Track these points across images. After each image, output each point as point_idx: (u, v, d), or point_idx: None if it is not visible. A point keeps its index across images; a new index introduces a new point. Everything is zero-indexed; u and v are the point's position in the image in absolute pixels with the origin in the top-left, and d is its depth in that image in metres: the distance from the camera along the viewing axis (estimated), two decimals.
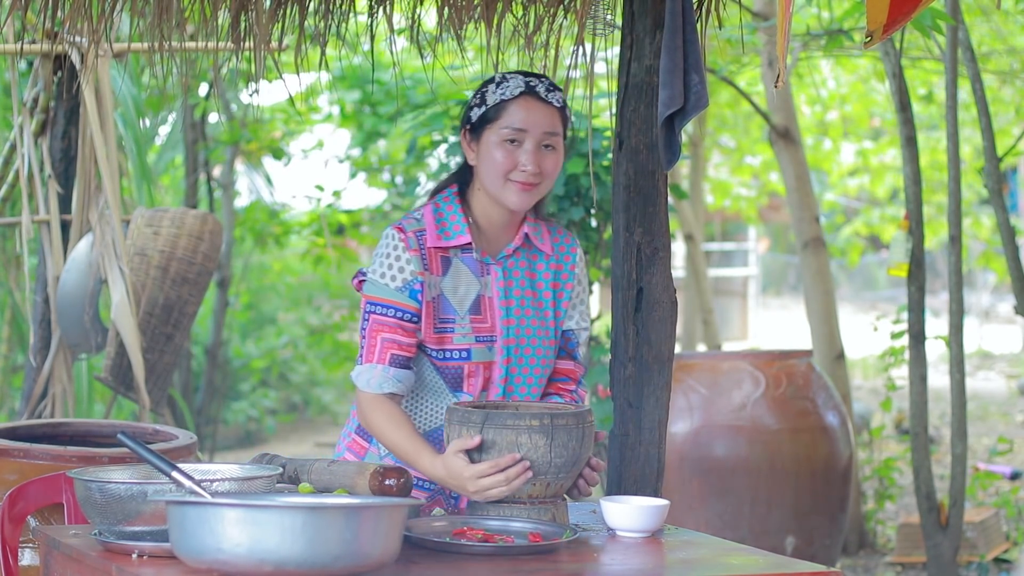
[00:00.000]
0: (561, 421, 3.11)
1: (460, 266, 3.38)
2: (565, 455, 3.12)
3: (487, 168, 3.37)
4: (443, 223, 3.39)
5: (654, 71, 3.86)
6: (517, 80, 3.37)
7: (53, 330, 5.84)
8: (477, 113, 3.38)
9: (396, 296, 3.32)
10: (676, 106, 3.65)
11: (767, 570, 2.86)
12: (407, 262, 3.33)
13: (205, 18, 3.96)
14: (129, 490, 2.88)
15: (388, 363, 3.30)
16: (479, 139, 3.38)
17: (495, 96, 3.36)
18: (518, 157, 3.35)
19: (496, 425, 3.10)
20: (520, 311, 3.42)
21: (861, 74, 12.05)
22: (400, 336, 3.31)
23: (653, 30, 3.86)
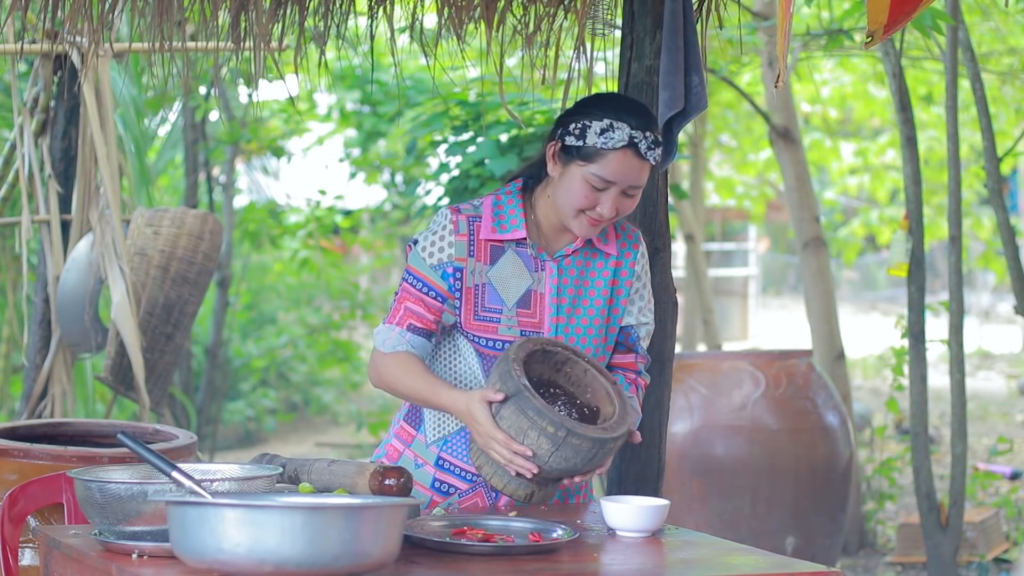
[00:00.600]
0: (575, 440, 3.11)
1: (514, 258, 3.39)
2: (565, 465, 3.14)
3: (564, 196, 3.34)
4: (500, 216, 3.40)
5: (654, 71, 3.86)
6: (623, 132, 3.28)
7: (53, 330, 5.84)
8: (572, 142, 3.31)
9: (428, 272, 3.37)
10: (677, 107, 3.65)
11: (767, 570, 2.85)
12: (449, 244, 3.36)
13: (205, 18, 3.96)
14: (129, 490, 2.87)
15: (406, 328, 3.36)
16: (565, 164, 3.33)
17: (596, 141, 3.28)
18: (598, 200, 3.31)
19: (519, 407, 3.12)
20: (571, 309, 3.41)
21: (861, 74, 12.05)
22: (422, 310, 3.36)
23: (653, 30, 3.87)
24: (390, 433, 3.52)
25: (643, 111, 3.36)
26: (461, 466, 3.40)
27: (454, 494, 3.41)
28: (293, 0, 4.07)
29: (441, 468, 3.42)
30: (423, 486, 3.41)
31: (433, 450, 3.42)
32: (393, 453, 3.47)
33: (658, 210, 3.91)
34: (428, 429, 3.44)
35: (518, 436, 3.13)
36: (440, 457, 3.42)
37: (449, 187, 6.81)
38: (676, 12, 3.69)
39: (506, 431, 3.14)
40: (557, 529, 3.02)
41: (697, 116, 3.79)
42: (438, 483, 3.42)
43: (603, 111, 3.31)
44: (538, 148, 6.84)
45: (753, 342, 20.43)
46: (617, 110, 3.31)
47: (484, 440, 3.18)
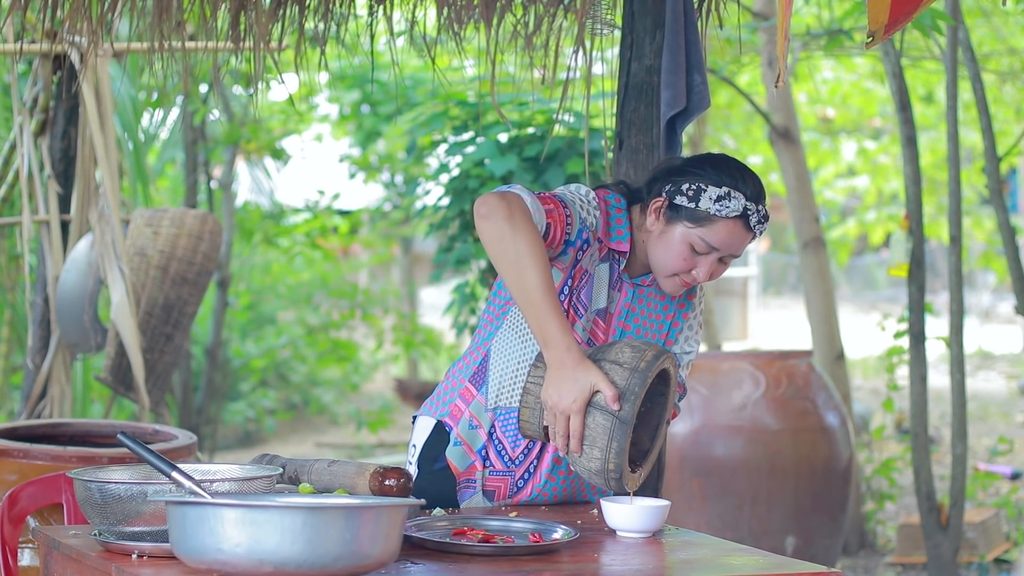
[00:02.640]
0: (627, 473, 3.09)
1: (605, 270, 3.33)
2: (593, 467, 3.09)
3: (663, 253, 3.28)
4: (611, 223, 3.33)
5: (654, 71, 3.86)
6: (739, 202, 3.22)
7: (52, 330, 5.83)
8: (684, 203, 3.25)
9: (577, 219, 3.23)
10: (679, 106, 3.65)
11: (767, 570, 2.85)
12: (592, 214, 3.27)
13: (204, 18, 3.96)
14: (129, 490, 2.87)
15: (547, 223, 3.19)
16: (670, 222, 3.27)
17: (710, 207, 3.23)
18: (696, 263, 3.27)
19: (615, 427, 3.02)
20: (633, 334, 3.37)
21: (861, 73, 12.05)
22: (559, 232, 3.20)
23: (653, 30, 3.87)
24: (452, 391, 3.41)
25: (758, 183, 3.30)
26: (506, 445, 3.35)
27: (488, 470, 3.37)
28: (293, 0, 4.07)
29: (492, 439, 3.37)
30: (471, 448, 3.36)
31: (490, 416, 3.37)
32: (456, 412, 3.39)
33: None
34: (490, 393, 3.37)
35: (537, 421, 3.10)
36: (494, 426, 3.37)
37: (449, 187, 6.81)
38: (677, 11, 3.69)
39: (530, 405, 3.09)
40: (557, 529, 3.01)
41: (699, 115, 3.78)
42: (484, 451, 3.37)
43: (720, 177, 3.25)
44: (538, 148, 6.85)
45: (753, 342, 20.43)
46: (734, 178, 3.26)
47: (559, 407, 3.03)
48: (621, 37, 3.97)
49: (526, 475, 3.39)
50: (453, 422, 3.39)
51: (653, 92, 3.86)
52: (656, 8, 3.85)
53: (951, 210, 6.58)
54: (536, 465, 3.38)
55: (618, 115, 3.92)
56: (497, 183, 6.52)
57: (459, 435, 3.38)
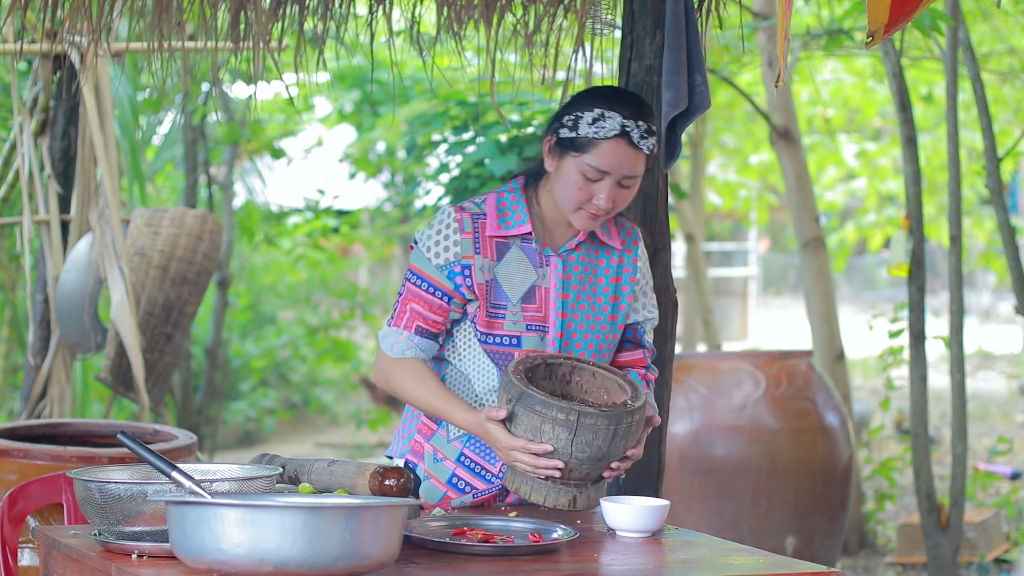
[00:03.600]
0: (588, 420, 3.13)
1: (519, 254, 3.40)
2: (589, 451, 3.15)
3: (561, 189, 3.37)
4: (504, 213, 3.41)
5: (654, 71, 3.86)
6: (615, 121, 3.30)
7: (52, 330, 5.83)
8: (566, 135, 3.34)
9: (434, 272, 3.37)
10: (681, 107, 3.65)
11: (767, 570, 2.85)
12: (455, 243, 3.37)
13: (204, 17, 3.96)
14: (129, 490, 2.87)
15: (413, 331, 3.37)
16: (560, 157, 3.36)
17: (588, 131, 3.31)
18: (594, 191, 3.33)
19: (526, 407, 3.15)
20: (576, 304, 3.43)
21: (861, 73, 12.05)
22: (427, 311, 3.36)
23: (653, 30, 3.86)
24: (409, 428, 3.50)
25: (636, 101, 3.38)
26: (483, 464, 3.40)
27: (470, 492, 3.42)
28: (293, 0, 4.06)
29: (463, 465, 3.42)
30: (439, 481, 3.42)
31: (456, 445, 3.42)
32: (417, 448, 3.46)
33: (658, 210, 3.91)
34: (451, 425, 3.42)
35: (535, 436, 3.14)
36: (463, 453, 3.42)
37: (449, 187, 6.81)
38: (678, 11, 3.69)
39: (523, 436, 3.16)
40: (557, 529, 3.01)
41: (701, 115, 3.78)
42: (456, 479, 3.42)
43: (595, 102, 3.34)
44: (537, 148, 6.84)
45: (753, 342, 20.43)
46: (609, 100, 3.34)
47: (505, 453, 3.20)
48: (621, 37, 3.97)
49: None
50: (416, 459, 3.46)
51: (653, 92, 3.86)
52: (656, 8, 3.85)
53: (951, 210, 6.58)
54: None
55: None
56: (497, 183, 6.52)
57: (426, 470, 3.43)
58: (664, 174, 3.92)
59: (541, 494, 3.20)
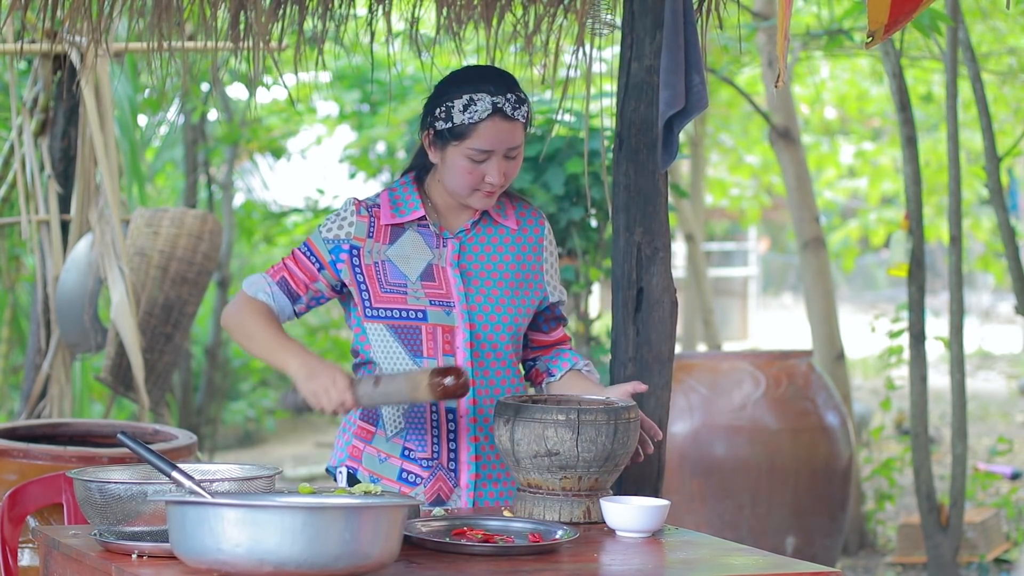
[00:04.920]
0: (588, 417, 3.16)
1: (414, 236, 3.48)
2: (594, 450, 3.16)
3: (452, 178, 3.45)
4: (398, 203, 3.49)
5: (654, 71, 3.85)
6: (485, 102, 3.38)
7: (52, 330, 5.83)
8: (442, 126, 3.42)
9: (318, 243, 3.47)
10: (678, 107, 3.64)
11: (767, 570, 2.85)
12: (349, 224, 3.46)
13: (204, 17, 3.96)
14: (129, 490, 2.87)
15: (276, 281, 3.47)
16: (443, 149, 3.44)
17: (462, 118, 3.39)
18: (484, 171, 3.42)
19: (526, 419, 3.17)
20: (480, 281, 3.49)
21: (861, 73, 12.05)
22: (299, 271, 3.46)
23: (653, 30, 3.86)
24: (347, 435, 3.54)
25: (499, 75, 3.46)
26: (416, 451, 3.45)
27: (419, 483, 3.45)
28: (293, 0, 4.06)
29: (407, 458, 3.45)
30: (389, 479, 3.45)
31: (397, 442, 3.45)
32: (355, 452, 3.50)
33: (658, 210, 3.91)
34: (387, 424, 3.47)
35: (538, 443, 3.16)
36: (405, 447, 3.45)
37: None
38: (677, 11, 3.69)
39: (527, 447, 3.18)
40: (557, 529, 3.01)
41: (698, 115, 3.78)
42: (404, 473, 3.45)
43: (460, 88, 3.41)
44: (538, 148, 6.85)
45: (753, 342, 20.42)
46: (474, 82, 3.41)
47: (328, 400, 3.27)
48: (621, 37, 3.96)
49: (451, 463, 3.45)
50: (356, 463, 3.49)
51: (653, 92, 3.86)
52: (656, 8, 3.85)
53: (951, 210, 6.58)
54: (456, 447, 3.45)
55: (618, 115, 3.91)
56: None
57: (372, 472, 3.46)
58: (664, 174, 3.92)
59: (555, 510, 3.21)
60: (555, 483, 3.19)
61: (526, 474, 3.22)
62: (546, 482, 3.20)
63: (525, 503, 3.24)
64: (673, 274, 3.96)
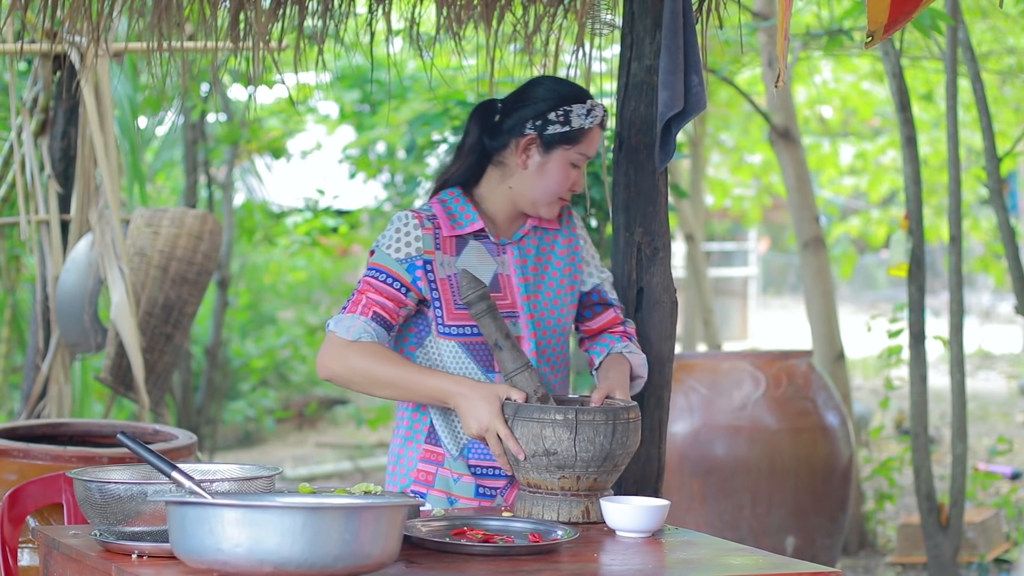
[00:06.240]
0: (586, 416, 3.17)
1: (477, 247, 3.48)
2: (592, 450, 3.17)
3: (544, 183, 3.46)
4: (453, 215, 3.48)
5: (654, 71, 3.86)
6: (599, 108, 3.48)
7: (52, 330, 5.83)
8: (558, 130, 3.44)
9: (394, 266, 3.41)
10: (677, 108, 3.65)
11: (767, 570, 2.85)
12: (416, 239, 3.42)
13: (204, 17, 3.96)
14: (129, 490, 2.87)
15: (369, 317, 3.37)
16: (547, 153, 3.46)
17: (582, 121, 3.45)
18: (572, 179, 3.48)
19: (524, 418, 3.19)
20: (539, 287, 3.51)
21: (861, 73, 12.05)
22: (386, 300, 3.39)
23: (653, 30, 3.86)
24: (408, 459, 3.50)
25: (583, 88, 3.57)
26: (492, 466, 3.44)
27: (497, 495, 3.46)
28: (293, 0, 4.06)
29: (478, 475, 3.45)
30: (467, 498, 3.45)
31: (462, 461, 3.45)
32: (426, 477, 3.48)
33: (658, 210, 3.91)
34: (447, 444, 3.46)
35: (536, 443, 3.17)
36: (471, 465, 3.45)
37: None
38: (676, 12, 3.69)
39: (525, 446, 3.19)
40: (557, 529, 3.02)
41: (696, 116, 3.78)
42: (481, 489, 3.46)
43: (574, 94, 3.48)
44: None
45: (753, 342, 20.42)
46: (576, 90, 3.50)
47: (482, 426, 3.22)
48: (621, 37, 3.96)
49: None
50: (425, 487, 3.47)
51: (653, 92, 3.86)
52: (656, 8, 3.85)
53: (951, 210, 6.58)
54: None
55: (618, 115, 3.91)
56: None
57: (448, 494, 3.45)
58: (664, 174, 3.92)
59: (554, 509, 3.22)
60: (554, 483, 3.20)
61: (525, 474, 3.23)
62: (545, 482, 3.21)
63: (525, 503, 3.25)
64: (673, 274, 3.97)
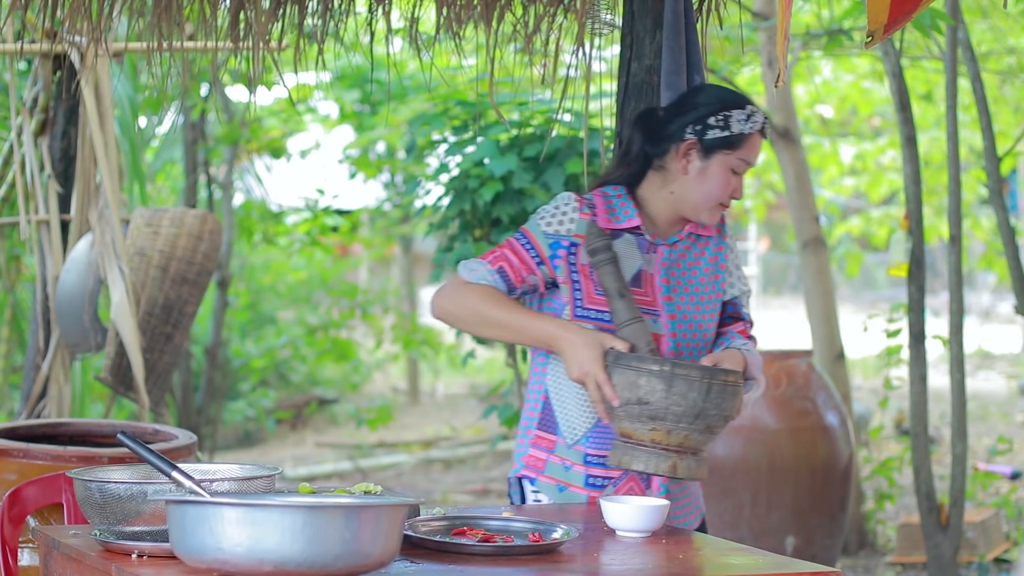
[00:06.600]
0: (682, 371, 3.21)
1: (629, 240, 3.49)
2: (684, 404, 3.21)
3: (705, 188, 3.48)
4: (612, 209, 3.50)
5: (654, 71, 3.86)
6: (759, 115, 3.48)
7: (52, 330, 5.83)
8: (718, 135, 3.46)
9: (539, 236, 3.46)
10: None
11: (767, 570, 2.85)
12: (571, 220, 3.46)
13: (204, 17, 3.96)
14: (129, 490, 2.87)
15: (496, 269, 3.43)
16: (707, 159, 3.47)
17: (742, 127, 3.47)
18: (733, 185, 3.49)
19: (621, 365, 3.23)
20: (684, 290, 3.53)
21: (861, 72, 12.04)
22: (517, 261, 3.44)
23: (653, 30, 3.86)
24: (523, 445, 3.53)
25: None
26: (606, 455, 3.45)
27: (609, 484, 3.47)
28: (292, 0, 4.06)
29: (590, 464, 3.46)
30: (576, 486, 3.47)
31: (578, 449, 3.46)
32: (536, 463, 3.50)
33: None
34: (564, 432, 3.48)
35: (631, 391, 3.21)
36: (587, 454, 3.46)
37: (449, 187, 6.81)
38: (677, 11, 3.69)
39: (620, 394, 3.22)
40: (557, 529, 3.01)
41: None
42: (591, 479, 3.47)
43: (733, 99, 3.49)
44: (538, 148, 6.82)
45: None
46: (740, 98, 3.51)
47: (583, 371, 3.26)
48: (621, 37, 3.96)
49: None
50: (534, 472, 3.50)
51: (653, 92, 3.86)
52: (656, 8, 3.85)
53: (951, 210, 6.58)
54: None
55: (618, 115, 3.92)
56: (497, 183, 6.51)
57: (558, 480, 3.47)
58: None
59: (642, 461, 3.25)
60: (644, 433, 3.24)
61: (619, 422, 3.28)
62: (636, 432, 3.25)
63: (616, 451, 3.29)
64: None
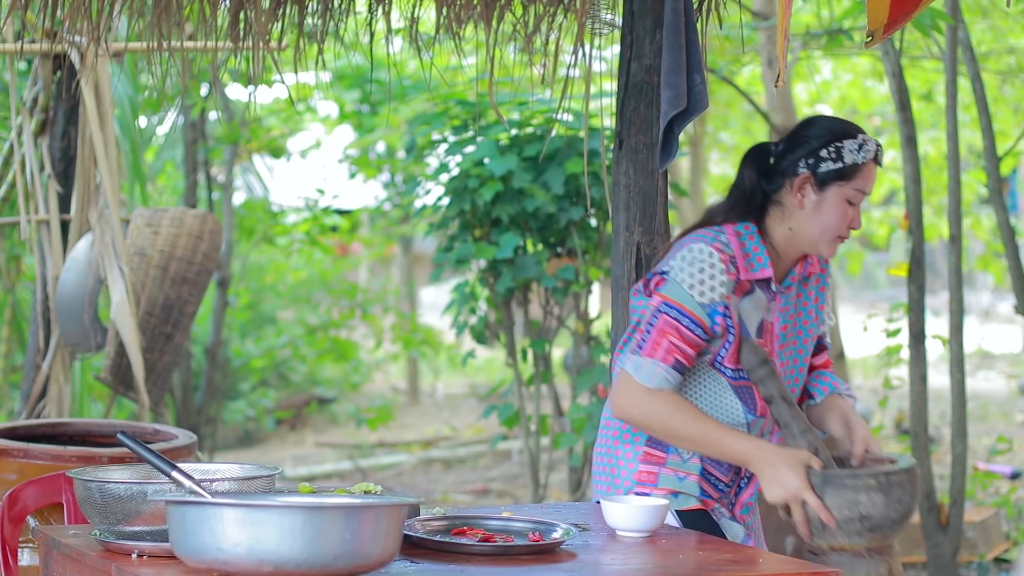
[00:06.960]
0: (897, 478, 3.25)
1: (758, 292, 3.45)
2: (900, 509, 3.26)
3: (822, 221, 3.44)
4: (747, 255, 3.44)
5: (654, 71, 3.86)
6: (871, 144, 3.43)
7: (52, 330, 5.83)
8: (831, 167, 3.41)
9: (696, 309, 3.37)
10: (680, 106, 3.65)
11: (767, 570, 2.85)
12: (721, 284, 3.38)
13: (204, 17, 3.96)
14: (129, 490, 2.88)
15: (671, 365, 3.35)
16: (822, 191, 3.43)
17: (855, 157, 3.42)
18: (850, 216, 3.45)
19: (835, 486, 3.24)
20: (796, 334, 3.53)
21: (860, 72, 12.05)
22: (688, 348, 3.36)
23: (653, 30, 3.86)
24: (628, 462, 3.48)
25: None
26: (717, 475, 3.46)
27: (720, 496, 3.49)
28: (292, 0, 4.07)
29: (706, 478, 3.45)
30: (692, 495, 3.45)
31: (695, 462, 3.44)
32: (649, 478, 3.46)
33: (658, 210, 3.91)
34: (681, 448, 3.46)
35: (850, 509, 3.24)
36: (704, 468, 3.45)
37: (449, 187, 6.81)
38: (677, 11, 3.69)
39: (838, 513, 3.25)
40: (557, 529, 3.01)
41: (699, 115, 3.78)
42: (703, 493, 3.46)
43: (844, 129, 3.44)
44: (538, 148, 6.82)
45: None
46: (850, 128, 3.46)
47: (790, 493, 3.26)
48: (621, 37, 3.97)
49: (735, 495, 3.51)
50: (649, 488, 3.45)
51: (653, 92, 3.86)
52: (656, 8, 3.85)
53: (951, 210, 6.58)
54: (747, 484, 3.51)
55: (618, 115, 3.92)
56: (497, 183, 6.51)
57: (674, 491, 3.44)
58: (664, 173, 3.93)
59: (863, 570, 3.31)
60: (862, 544, 3.29)
61: (831, 539, 3.30)
62: (853, 544, 3.29)
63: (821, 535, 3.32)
64: None
